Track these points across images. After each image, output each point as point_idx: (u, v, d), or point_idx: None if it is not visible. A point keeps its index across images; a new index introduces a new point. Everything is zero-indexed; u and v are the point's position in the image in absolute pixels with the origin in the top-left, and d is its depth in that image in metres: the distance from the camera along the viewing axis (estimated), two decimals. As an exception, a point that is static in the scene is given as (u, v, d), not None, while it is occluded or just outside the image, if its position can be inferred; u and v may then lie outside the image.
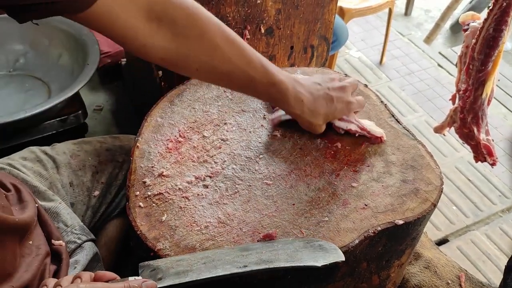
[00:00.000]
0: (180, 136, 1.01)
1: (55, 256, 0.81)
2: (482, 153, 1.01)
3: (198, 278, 0.69)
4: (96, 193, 1.01)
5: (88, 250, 0.89)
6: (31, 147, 1.03)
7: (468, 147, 1.04)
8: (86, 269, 0.86)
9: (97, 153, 1.06)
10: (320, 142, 1.02)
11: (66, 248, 0.84)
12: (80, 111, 1.53)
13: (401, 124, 1.06)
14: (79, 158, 1.03)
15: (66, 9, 0.70)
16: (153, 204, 0.87)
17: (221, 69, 0.87)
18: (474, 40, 0.94)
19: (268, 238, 0.82)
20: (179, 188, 0.91)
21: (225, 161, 0.97)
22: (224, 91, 1.13)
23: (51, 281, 0.63)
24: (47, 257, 0.78)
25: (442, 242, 1.89)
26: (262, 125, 1.05)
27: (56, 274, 0.79)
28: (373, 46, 2.92)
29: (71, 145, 1.06)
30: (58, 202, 0.91)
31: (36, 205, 0.81)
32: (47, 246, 0.79)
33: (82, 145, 1.07)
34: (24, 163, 0.97)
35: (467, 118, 1.00)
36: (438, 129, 1.10)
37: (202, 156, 0.98)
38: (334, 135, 1.03)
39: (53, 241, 0.81)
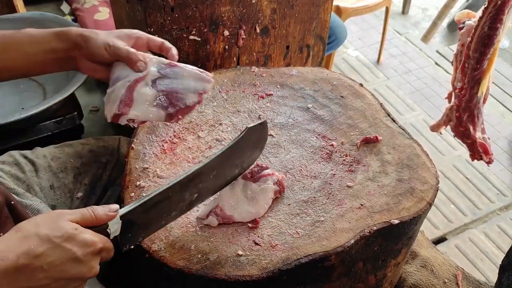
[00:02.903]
0: (175, 137, 1.01)
1: None
2: (478, 151, 1.01)
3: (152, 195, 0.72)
4: (79, 194, 1.00)
5: None
6: (11, 151, 1.03)
7: (465, 145, 1.03)
8: None
9: (79, 155, 1.05)
10: (316, 141, 1.01)
11: None
12: (75, 112, 1.53)
13: (397, 123, 1.06)
14: (60, 160, 1.03)
15: None
16: (148, 206, 0.87)
17: None
18: (469, 39, 0.94)
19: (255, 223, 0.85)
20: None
21: (220, 161, 0.96)
22: (220, 92, 1.13)
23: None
24: None
25: (440, 240, 1.88)
26: (257, 125, 1.05)
27: None
28: (370, 45, 2.91)
29: (53, 149, 1.06)
30: (38, 202, 0.91)
31: (12, 202, 0.81)
32: None
33: (64, 148, 1.07)
34: (1, 167, 0.97)
35: (463, 116, 0.99)
36: (434, 128, 1.09)
37: (197, 157, 0.97)
38: (331, 134, 1.03)
39: None
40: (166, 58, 0.89)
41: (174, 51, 0.90)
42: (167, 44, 0.90)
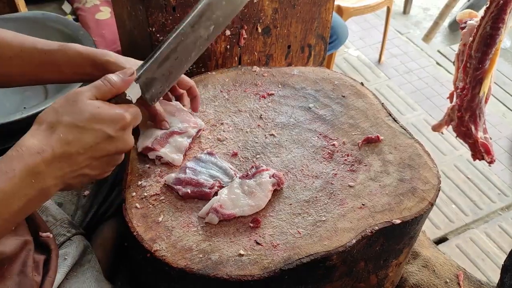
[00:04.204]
0: (176, 136, 1.01)
1: (44, 247, 0.82)
2: (480, 151, 1.01)
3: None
4: (86, 192, 1.01)
5: (78, 243, 0.90)
6: None
7: (467, 145, 1.03)
8: (77, 261, 0.88)
9: None
10: (317, 141, 1.01)
11: (55, 240, 0.85)
12: (77, 112, 1.53)
13: (398, 123, 1.06)
14: None
15: None
16: (150, 205, 0.87)
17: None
18: (471, 38, 0.94)
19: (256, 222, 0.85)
20: (176, 189, 0.90)
21: (221, 161, 0.96)
22: (221, 91, 1.13)
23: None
24: (28, 245, 0.79)
25: (441, 240, 1.89)
26: (258, 125, 1.05)
27: (46, 265, 0.81)
28: (371, 45, 2.92)
29: None
30: None
31: None
32: (29, 236, 0.80)
33: None
34: None
35: (464, 116, 0.99)
36: (436, 128, 1.09)
37: (199, 156, 0.97)
38: (333, 134, 1.03)
39: (40, 233, 0.83)
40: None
41: (194, 102, 0.99)
42: (195, 90, 0.98)
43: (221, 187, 0.90)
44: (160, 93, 0.75)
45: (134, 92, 0.67)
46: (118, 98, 0.64)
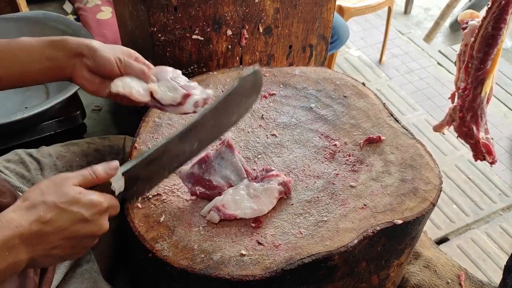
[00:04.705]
0: (178, 136, 1.01)
1: None
2: (481, 151, 1.01)
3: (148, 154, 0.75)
4: None
5: None
6: (16, 150, 1.03)
7: (468, 145, 1.03)
8: (76, 261, 0.87)
9: (84, 154, 1.06)
10: (319, 141, 1.01)
11: None
12: (78, 112, 1.53)
13: (400, 123, 1.06)
14: (66, 159, 1.04)
15: None
16: (151, 205, 0.87)
17: None
18: (473, 39, 0.94)
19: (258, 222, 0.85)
20: (178, 189, 0.90)
21: (223, 161, 0.96)
22: (222, 91, 1.13)
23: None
24: None
25: (442, 240, 1.88)
26: (260, 125, 1.05)
27: None
28: (372, 45, 2.91)
29: (58, 147, 1.07)
30: None
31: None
32: None
33: (70, 147, 1.07)
34: (7, 165, 0.98)
35: (466, 116, 0.99)
36: (437, 128, 1.09)
37: (200, 156, 0.97)
38: (334, 134, 1.03)
39: None
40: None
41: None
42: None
43: (230, 184, 0.90)
44: (138, 194, 0.79)
45: (118, 185, 0.72)
46: (103, 187, 0.70)
